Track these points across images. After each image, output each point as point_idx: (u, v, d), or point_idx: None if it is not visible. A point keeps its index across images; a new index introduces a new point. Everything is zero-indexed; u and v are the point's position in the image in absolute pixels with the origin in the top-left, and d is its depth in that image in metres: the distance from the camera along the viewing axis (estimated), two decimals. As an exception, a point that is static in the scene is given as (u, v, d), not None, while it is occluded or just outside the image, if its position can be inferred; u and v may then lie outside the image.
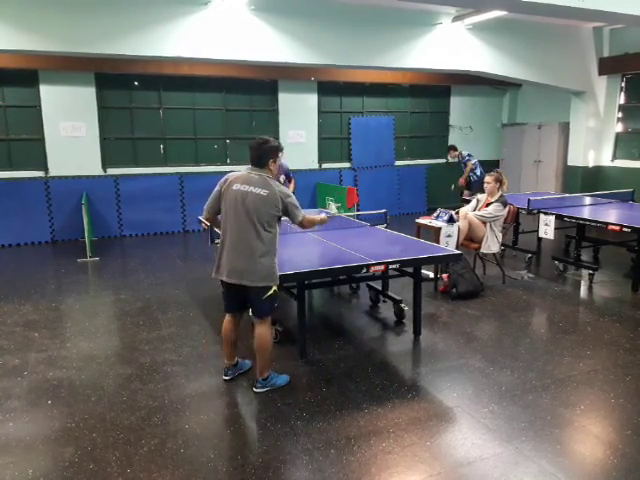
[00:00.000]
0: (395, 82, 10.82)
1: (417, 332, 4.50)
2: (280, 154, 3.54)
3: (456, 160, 9.92)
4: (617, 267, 6.59)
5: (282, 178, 7.06)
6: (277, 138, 10.14)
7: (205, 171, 9.74)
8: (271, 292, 3.39)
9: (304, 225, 3.55)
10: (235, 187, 3.35)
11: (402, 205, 11.17)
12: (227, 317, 3.62)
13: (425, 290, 5.20)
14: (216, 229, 3.74)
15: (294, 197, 3.45)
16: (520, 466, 2.75)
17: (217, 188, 3.47)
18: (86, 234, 7.44)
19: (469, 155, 9.71)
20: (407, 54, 8.24)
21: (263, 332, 3.49)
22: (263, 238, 3.31)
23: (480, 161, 11.72)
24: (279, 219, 3.42)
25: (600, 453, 2.90)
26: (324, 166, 10.71)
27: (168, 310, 5.25)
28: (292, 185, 7.25)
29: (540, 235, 6.39)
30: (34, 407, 3.42)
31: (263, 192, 3.30)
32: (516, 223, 7.01)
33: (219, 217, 3.52)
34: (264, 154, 3.39)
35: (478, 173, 9.41)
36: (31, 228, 8.47)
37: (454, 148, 9.93)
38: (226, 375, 3.71)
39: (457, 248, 5.37)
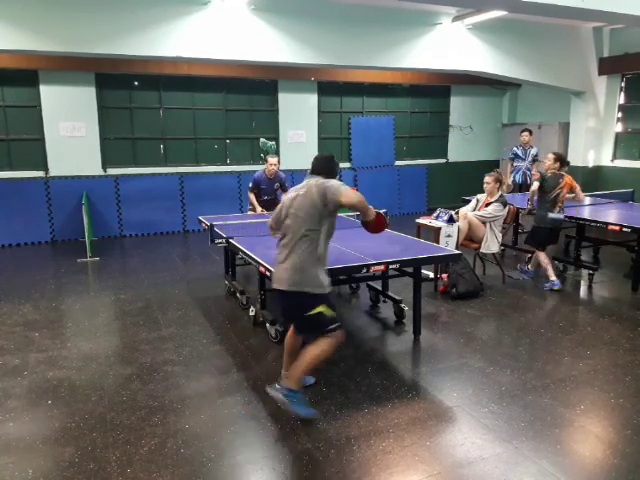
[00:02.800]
0: (395, 82, 10.81)
1: (417, 332, 4.50)
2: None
3: (522, 148, 8.32)
4: (617, 267, 6.58)
5: (276, 185, 6.94)
6: (277, 138, 10.16)
7: (205, 171, 9.74)
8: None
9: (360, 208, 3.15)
10: None
11: (402, 205, 11.18)
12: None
13: (425, 290, 5.20)
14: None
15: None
16: (520, 466, 2.75)
17: None
18: (86, 234, 7.44)
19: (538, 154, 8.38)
20: (407, 54, 8.23)
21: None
22: None
23: (480, 161, 11.82)
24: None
25: (600, 453, 2.90)
26: (324, 166, 10.69)
27: (168, 310, 5.25)
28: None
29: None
30: (34, 407, 3.42)
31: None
32: (516, 223, 7.02)
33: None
34: (329, 167, 3.28)
35: (517, 178, 8.41)
36: (31, 228, 8.47)
37: (531, 132, 8.42)
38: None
39: (457, 248, 5.38)
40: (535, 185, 5.65)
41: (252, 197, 6.89)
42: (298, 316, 3.21)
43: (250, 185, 6.94)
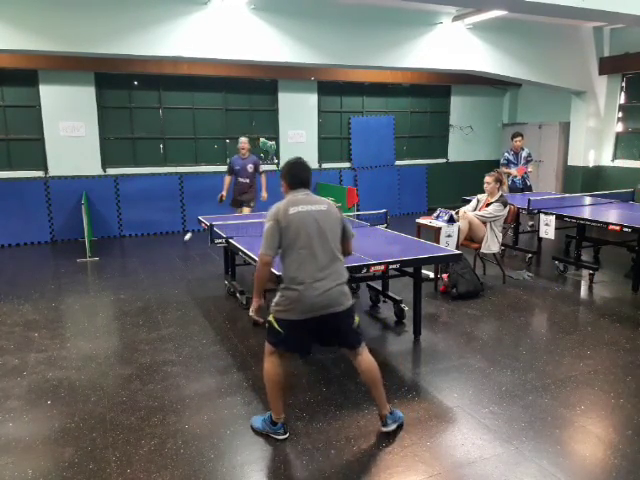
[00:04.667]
0: (395, 82, 10.81)
1: (417, 332, 4.50)
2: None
3: (513, 153, 8.32)
4: (617, 267, 6.58)
5: (250, 167, 7.41)
6: (277, 138, 10.17)
7: (205, 171, 9.73)
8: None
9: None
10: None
11: (402, 205, 11.16)
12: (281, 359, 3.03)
13: (425, 290, 5.20)
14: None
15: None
16: (520, 466, 2.75)
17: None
18: (86, 234, 7.44)
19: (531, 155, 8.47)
20: (407, 54, 8.23)
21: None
22: None
23: (480, 161, 11.81)
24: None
25: (600, 453, 2.89)
26: (324, 166, 10.70)
27: (168, 310, 5.24)
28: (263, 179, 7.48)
29: (541, 235, 6.39)
30: (34, 407, 3.42)
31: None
32: (516, 223, 7.01)
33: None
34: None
35: (517, 182, 8.35)
36: (31, 228, 8.46)
37: (523, 136, 8.41)
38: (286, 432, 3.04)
39: (457, 248, 5.37)
40: None
41: (225, 181, 7.53)
42: (346, 333, 3.01)
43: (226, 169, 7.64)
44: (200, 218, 6.03)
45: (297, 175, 3.01)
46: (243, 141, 7.45)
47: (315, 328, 2.93)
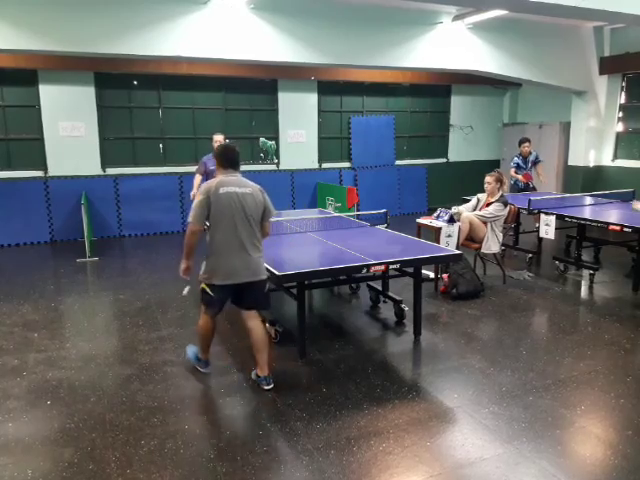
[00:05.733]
0: (395, 82, 10.80)
1: (417, 332, 4.49)
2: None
3: (522, 158, 8.39)
4: (618, 267, 6.58)
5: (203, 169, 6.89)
6: (277, 138, 10.17)
7: (205, 171, 9.72)
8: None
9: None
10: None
11: (402, 205, 11.16)
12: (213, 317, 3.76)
13: (425, 290, 5.19)
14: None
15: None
16: (521, 467, 2.74)
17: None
18: (85, 234, 7.43)
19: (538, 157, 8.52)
20: (407, 53, 8.22)
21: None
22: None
23: (480, 161, 11.81)
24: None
25: (601, 454, 2.89)
26: (324, 166, 10.69)
27: (168, 310, 5.24)
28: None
29: (541, 235, 6.39)
30: (33, 407, 3.41)
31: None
32: (517, 223, 7.01)
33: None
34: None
35: (518, 183, 8.44)
36: (30, 228, 8.45)
37: (530, 141, 8.53)
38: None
39: (457, 248, 5.37)
40: None
41: (196, 180, 6.90)
42: (260, 296, 3.62)
43: (197, 168, 7.05)
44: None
45: (229, 158, 3.57)
46: (217, 139, 6.91)
47: (233, 292, 3.55)
